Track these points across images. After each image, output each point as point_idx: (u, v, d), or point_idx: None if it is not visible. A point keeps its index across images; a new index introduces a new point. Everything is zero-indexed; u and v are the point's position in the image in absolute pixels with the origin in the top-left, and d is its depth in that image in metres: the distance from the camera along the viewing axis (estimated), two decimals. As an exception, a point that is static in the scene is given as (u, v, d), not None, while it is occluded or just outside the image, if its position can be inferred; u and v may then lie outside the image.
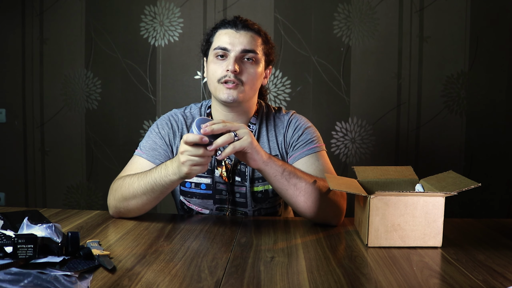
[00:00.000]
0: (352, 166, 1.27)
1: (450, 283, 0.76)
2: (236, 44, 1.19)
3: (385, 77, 2.33)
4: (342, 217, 1.15)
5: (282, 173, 1.06)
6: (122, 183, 1.15)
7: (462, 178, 0.99)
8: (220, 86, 1.19)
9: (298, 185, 1.07)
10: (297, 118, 1.31)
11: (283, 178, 1.06)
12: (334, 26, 2.32)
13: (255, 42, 1.21)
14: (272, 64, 1.31)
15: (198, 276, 0.79)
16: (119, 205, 1.15)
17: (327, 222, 1.14)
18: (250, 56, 1.20)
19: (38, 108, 2.51)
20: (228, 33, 1.21)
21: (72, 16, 2.43)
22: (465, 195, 1.36)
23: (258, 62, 1.22)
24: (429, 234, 0.96)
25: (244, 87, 1.19)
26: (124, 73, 2.43)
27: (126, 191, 1.12)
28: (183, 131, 1.28)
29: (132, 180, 1.12)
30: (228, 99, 1.19)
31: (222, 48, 1.19)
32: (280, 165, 1.06)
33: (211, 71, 1.22)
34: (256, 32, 1.23)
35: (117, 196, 1.14)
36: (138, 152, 1.26)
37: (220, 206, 1.27)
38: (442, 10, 2.28)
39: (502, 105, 2.31)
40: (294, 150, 1.26)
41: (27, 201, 2.56)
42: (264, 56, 1.25)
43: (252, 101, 1.27)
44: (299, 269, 0.83)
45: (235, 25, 1.21)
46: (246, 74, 1.19)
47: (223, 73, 1.18)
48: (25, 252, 0.76)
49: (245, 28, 1.21)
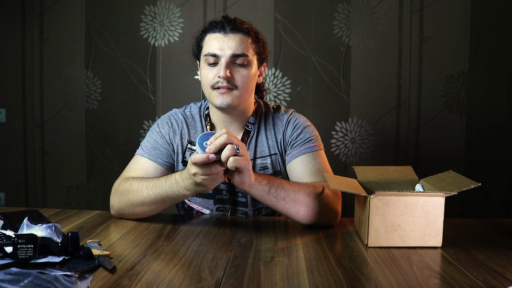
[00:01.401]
0: (352, 166, 1.26)
1: (450, 283, 0.76)
2: (226, 49, 1.17)
3: (385, 77, 2.33)
4: (338, 218, 1.16)
5: (268, 192, 1.06)
6: (129, 187, 1.14)
7: (462, 178, 0.99)
8: (213, 92, 1.19)
9: (286, 198, 1.08)
10: (296, 117, 1.31)
11: (270, 196, 1.07)
12: (334, 26, 2.32)
13: (244, 44, 1.19)
14: (265, 61, 1.29)
15: (198, 276, 0.79)
16: (125, 209, 1.15)
17: (324, 224, 1.14)
18: (241, 60, 1.18)
19: (38, 108, 2.51)
20: (217, 38, 1.19)
21: (72, 16, 2.43)
22: (465, 195, 1.36)
23: (250, 63, 1.20)
24: (429, 234, 0.96)
25: (238, 91, 1.18)
26: (124, 73, 2.43)
27: (134, 198, 1.12)
28: (183, 129, 1.28)
29: (141, 188, 1.11)
30: (222, 105, 1.18)
31: (212, 55, 1.18)
32: (265, 184, 1.06)
33: (203, 76, 1.21)
34: (245, 32, 1.20)
35: (124, 200, 1.14)
36: (139, 151, 1.26)
37: (220, 206, 1.27)
38: (442, 10, 2.28)
39: (502, 105, 2.31)
40: (292, 148, 1.26)
41: (27, 201, 2.56)
42: (256, 55, 1.23)
43: (248, 102, 1.26)
44: (299, 269, 0.83)
45: (223, 28, 1.19)
46: (238, 78, 1.18)
47: (215, 79, 1.17)
48: (25, 252, 0.76)
49: (233, 30, 1.19)
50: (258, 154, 1.27)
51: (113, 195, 1.18)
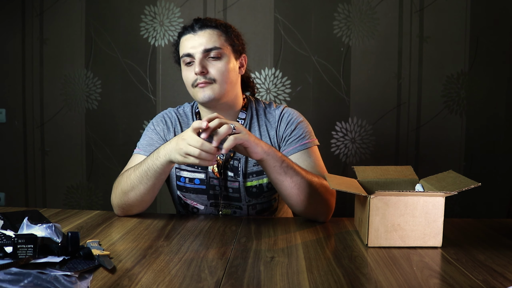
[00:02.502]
0: (352, 166, 1.27)
1: (450, 283, 0.76)
2: (197, 46, 1.21)
3: (385, 77, 2.33)
4: (330, 214, 1.18)
5: (281, 165, 1.08)
6: (121, 178, 1.19)
7: (462, 178, 0.99)
8: (195, 90, 1.23)
9: (294, 178, 1.10)
10: (289, 112, 1.32)
11: (281, 169, 1.08)
12: (334, 26, 2.32)
13: (215, 38, 1.22)
14: (243, 52, 1.31)
15: (198, 276, 0.79)
16: (121, 201, 1.18)
17: (315, 218, 1.17)
18: (214, 53, 1.21)
19: (38, 108, 2.51)
20: (188, 38, 1.23)
21: (72, 16, 2.44)
22: (465, 195, 1.36)
23: (224, 55, 1.22)
24: (429, 234, 0.96)
25: (217, 84, 1.21)
26: (124, 73, 2.43)
27: (125, 185, 1.16)
28: (176, 127, 1.32)
29: (129, 173, 1.16)
30: (204, 98, 1.21)
31: (186, 55, 1.22)
32: (279, 156, 1.09)
33: (184, 78, 1.26)
34: (214, 27, 1.23)
35: (118, 192, 1.18)
36: (136, 150, 1.32)
37: (214, 201, 1.29)
38: (442, 10, 2.28)
39: (502, 105, 2.31)
40: (287, 144, 1.27)
41: (27, 201, 2.56)
42: (230, 47, 1.25)
43: (233, 95, 1.28)
44: (299, 269, 0.83)
45: (193, 29, 1.23)
46: (214, 71, 1.21)
47: (194, 77, 1.21)
48: (25, 252, 0.76)
49: (202, 27, 1.22)
50: None
51: (112, 194, 1.22)
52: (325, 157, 1.35)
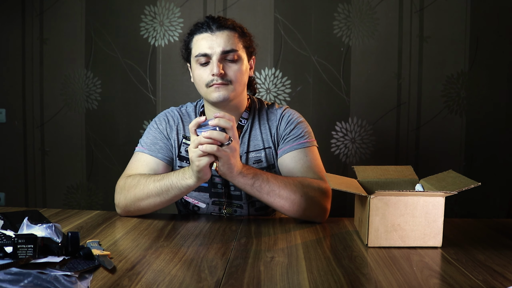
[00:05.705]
0: (352, 166, 1.27)
1: (450, 283, 0.76)
2: (215, 46, 1.20)
3: (385, 77, 2.33)
4: (326, 215, 1.19)
5: (252, 185, 1.11)
6: (136, 183, 1.17)
7: (462, 178, 0.99)
8: (209, 90, 1.22)
9: (271, 193, 1.12)
10: (290, 113, 1.33)
11: (254, 190, 1.12)
12: (334, 26, 2.32)
13: (232, 40, 1.22)
14: (254, 54, 1.32)
15: (198, 276, 0.79)
16: (130, 204, 1.18)
17: (312, 220, 1.18)
18: (231, 56, 1.21)
19: (38, 108, 2.50)
20: (205, 38, 1.21)
21: (72, 16, 2.43)
22: (465, 195, 1.36)
23: (240, 58, 1.23)
24: (429, 234, 0.96)
25: (234, 85, 1.22)
26: (124, 73, 2.43)
27: (140, 192, 1.16)
28: (178, 125, 1.32)
29: (147, 181, 1.16)
30: (219, 98, 1.21)
31: (203, 55, 1.21)
32: (250, 177, 1.10)
33: (197, 76, 1.24)
34: (231, 28, 1.23)
35: (130, 195, 1.17)
36: (139, 148, 1.29)
37: (216, 199, 1.29)
38: (442, 10, 2.28)
39: (502, 105, 2.31)
40: (284, 143, 1.28)
41: (27, 201, 2.56)
42: (245, 49, 1.26)
43: (242, 97, 1.29)
44: (299, 269, 0.83)
45: (210, 28, 1.21)
46: (231, 73, 1.21)
47: (210, 77, 1.20)
48: (25, 252, 0.76)
49: (219, 28, 1.21)
50: (251, 148, 1.29)
51: (118, 193, 1.21)
52: (325, 157, 1.35)
